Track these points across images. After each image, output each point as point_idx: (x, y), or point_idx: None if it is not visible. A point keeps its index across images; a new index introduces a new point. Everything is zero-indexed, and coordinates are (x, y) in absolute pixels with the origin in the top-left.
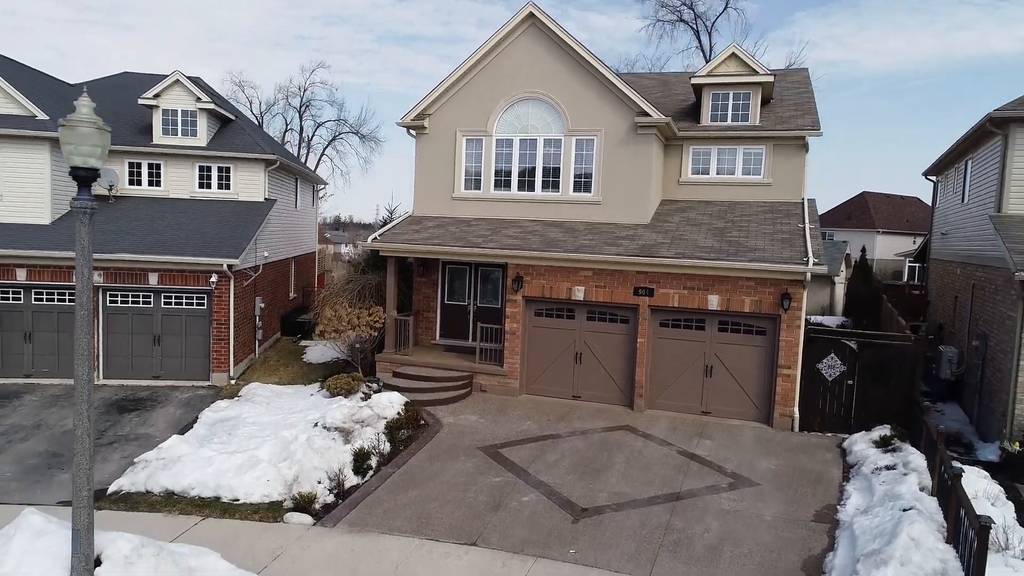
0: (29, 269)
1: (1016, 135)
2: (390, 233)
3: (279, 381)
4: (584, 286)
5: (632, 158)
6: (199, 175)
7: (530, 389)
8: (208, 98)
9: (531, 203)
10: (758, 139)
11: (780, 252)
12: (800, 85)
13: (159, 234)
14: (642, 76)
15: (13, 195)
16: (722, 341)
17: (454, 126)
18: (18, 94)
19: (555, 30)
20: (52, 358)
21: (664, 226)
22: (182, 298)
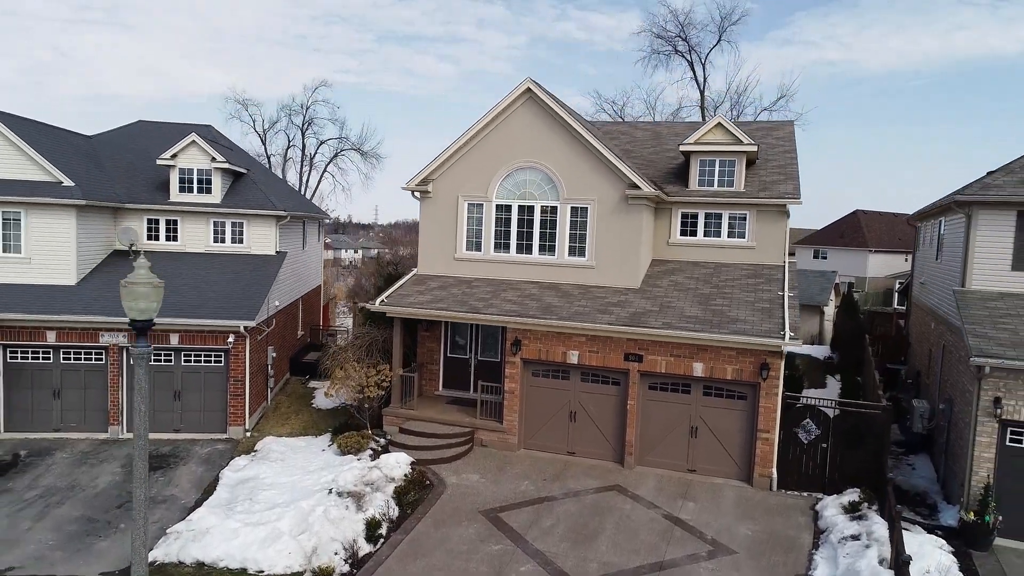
0: (58, 331)
1: (979, 217)
2: (396, 295)
3: (291, 432)
4: (578, 351)
5: (624, 226)
6: (214, 230)
7: (528, 444)
8: (222, 158)
9: (529, 265)
10: (742, 205)
11: (760, 324)
12: (784, 142)
13: (179, 294)
14: (635, 126)
15: (41, 258)
16: (706, 405)
17: (456, 191)
18: (45, 162)
19: (552, 105)
20: (79, 413)
21: (653, 291)
22: (201, 356)
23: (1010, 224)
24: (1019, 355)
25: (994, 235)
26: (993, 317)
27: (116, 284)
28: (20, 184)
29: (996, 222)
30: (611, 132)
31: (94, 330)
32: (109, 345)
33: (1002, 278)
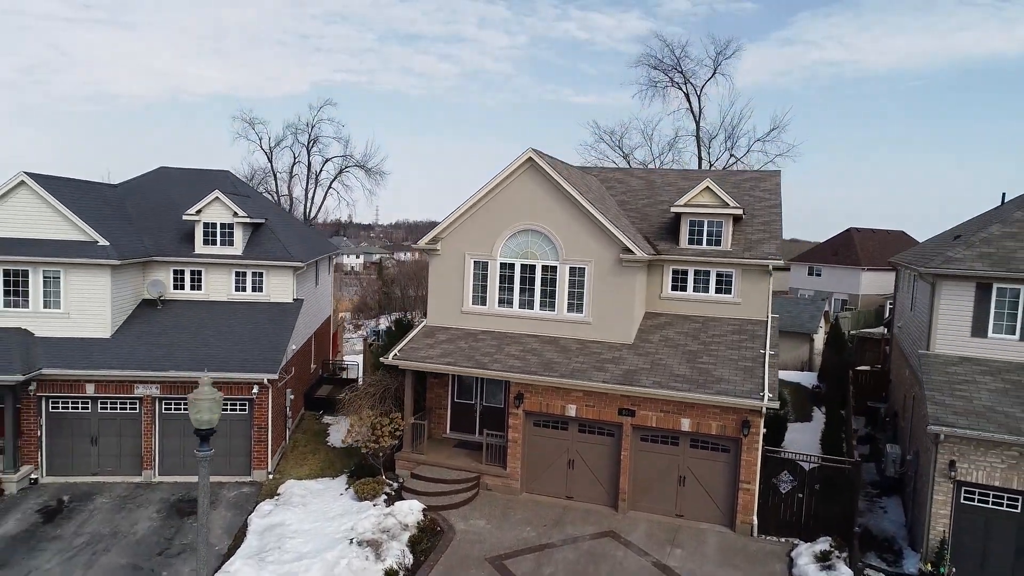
0: (96, 384)
1: (942, 287)
2: (407, 349)
3: (310, 473)
4: (576, 404)
5: (618, 286)
6: (236, 280)
7: (529, 488)
8: (244, 212)
9: (530, 320)
10: (729, 264)
11: (742, 384)
12: (771, 195)
13: (206, 346)
14: (631, 173)
15: (79, 313)
16: (693, 456)
17: (463, 249)
18: (82, 223)
19: (552, 174)
20: (115, 459)
21: (646, 347)
22: (226, 404)
23: (970, 295)
24: (971, 424)
25: (955, 304)
26: (952, 383)
27: (148, 337)
28: (59, 244)
29: (957, 292)
30: (608, 180)
31: (130, 383)
32: (143, 396)
33: (962, 344)
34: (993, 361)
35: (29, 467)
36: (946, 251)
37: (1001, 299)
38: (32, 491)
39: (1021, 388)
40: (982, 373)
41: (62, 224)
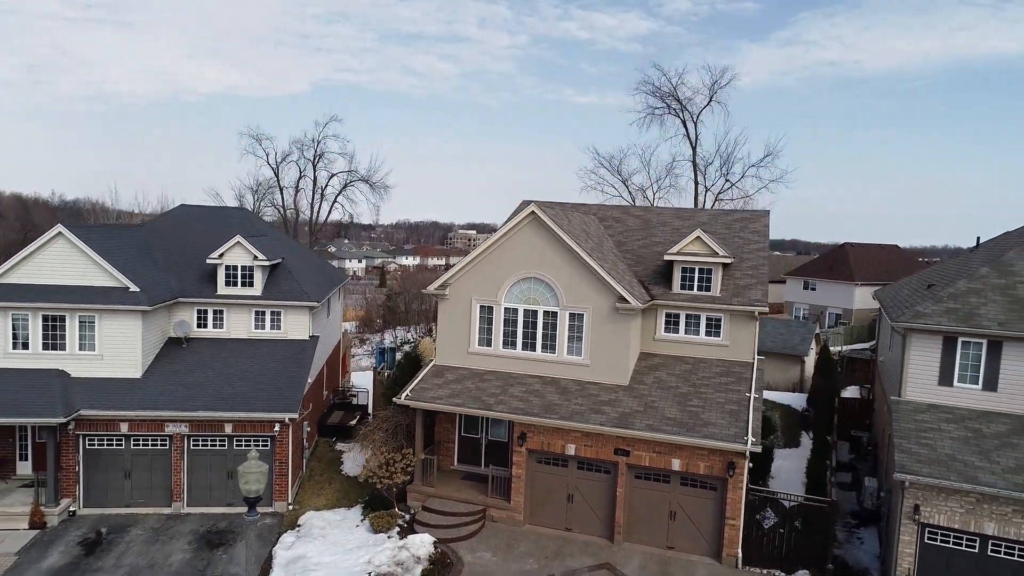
0: (130, 423)
1: (912, 340)
2: (418, 389)
3: (327, 504)
4: (575, 444)
5: (614, 331)
6: (255, 319)
7: (532, 520)
8: (263, 256)
9: (533, 361)
10: (718, 309)
11: (728, 428)
12: (759, 236)
13: (230, 385)
14: (628, 212)
15: (112, 355)
16: (683, 493)
17: (470, 295)
18: (114, 270)
19: (553, 228)
20: (147, 491)
21: (640, 388)
22: (251, 440)
23: (937, 347)
24: (933, 472)
25: (924, 355)
26: (919, 431)
27: (176, 376)
28: (94, 290)
29: (926, 345)
30: (606, 219)
31: (160, 421)
32: (173, 434)
33: (930, 391)
34: (958, 408)
35: (68, 500)
36: (916, 305)
37: (965, 351)
38: (72, 523)
39: (981, 436)
40: (947, 421)
41: (96, 271)
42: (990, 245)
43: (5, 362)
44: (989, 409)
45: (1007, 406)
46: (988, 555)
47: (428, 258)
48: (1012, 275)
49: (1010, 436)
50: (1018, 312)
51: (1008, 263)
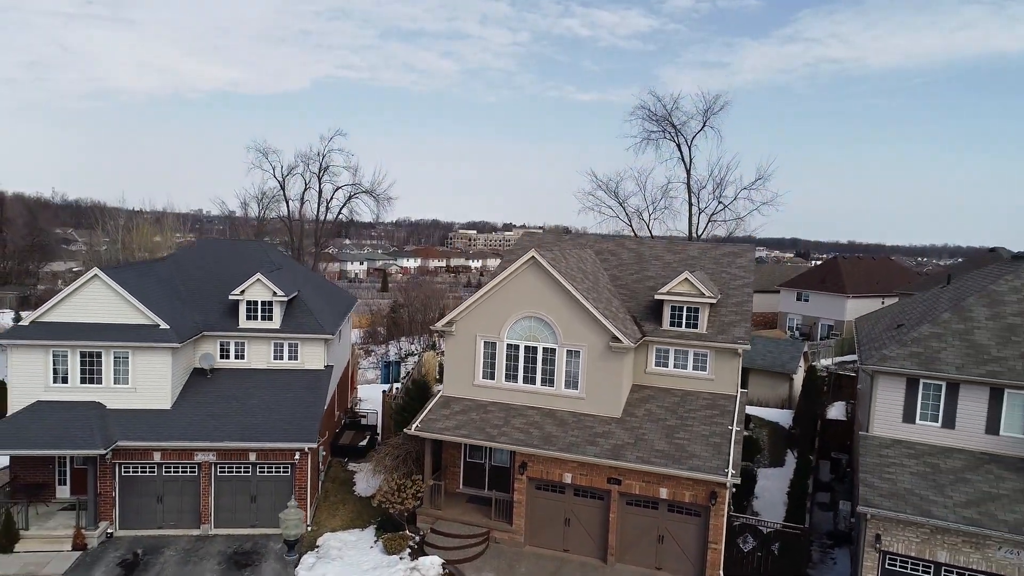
0: (162, 452)
1: (879, 380)
2: (427, 420)
3: (343, 524)
4: (571, 473)
5: (608, 367)
6: (274, 350)
7: (532, 542)
8: (282, 292)
9: (532, 393)
10: (704, 346)
11: (711, 460)
12: (744, 272)
13: (253, 416)
14: (622, 244)
15: (144, 388)
16: (670, 519)
17: (475, 331)
18: (146, 309)
19: (552, 272)
20: (177, 514)
21: (631, 421)
22: (273, 467)
23: (901, 388)
24: (892, 505)
25: (890, 395)
26: (882, 465)
27: (203, 407)
28: (127, 328)
29: (891, 385)
30: (602, 252)
31: (190, 451)
32: (202, 462)
33: (895, 428)
34: (919, 444)
35: (106, 523)
36: (883, 348)
37: (927, 392)
38: (109, 544)
39: (938, 471)
40: (908, 456)
41: (129, 310)
42: (953, 292)
43: (47, 395)
44: (947, 445)
45: (963, 443)
46: None
47: (429, 260)
48: (970, 320)
49: (964, 472)
50: (974, 356)
51: (967, 308)
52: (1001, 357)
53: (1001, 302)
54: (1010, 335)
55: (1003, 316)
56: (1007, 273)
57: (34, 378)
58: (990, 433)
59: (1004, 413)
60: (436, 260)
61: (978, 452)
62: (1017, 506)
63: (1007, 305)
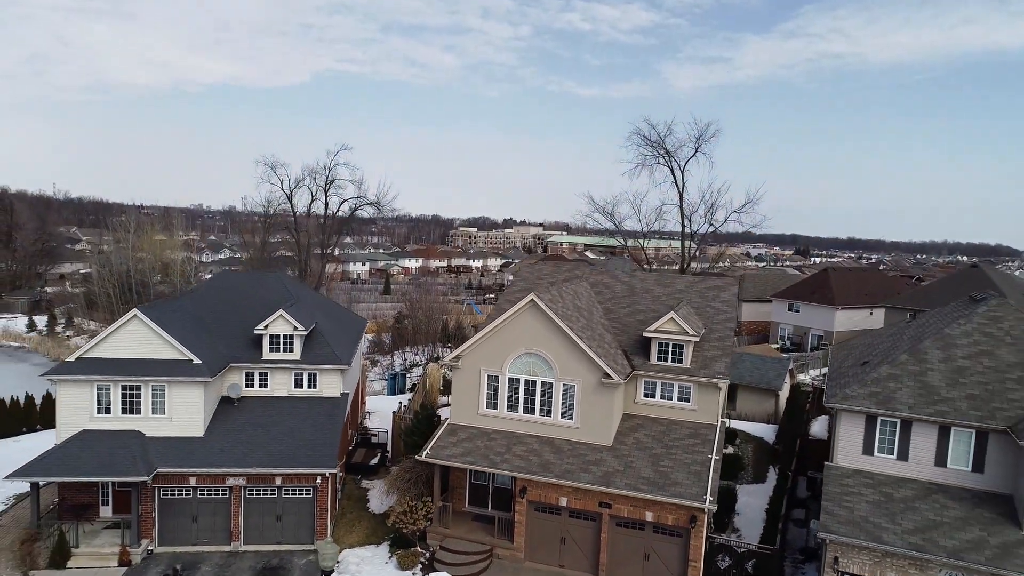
0: (197, 478)
1: (841, 416)
2: (436, 447)
3: (359, 540)
4: (567, 497)
5: (600, 400)
6: (294, 379)
7: (531, 558)
8: (302, 327)
9: (532, 423)
10: (687, 380)
11: (692, 487)
12: (728, 307)
13: (278, 443)
14: (616, 277)
15: (179, 417)
16: (655, 539)
17: (479, 365)
18: (180, 346)
19: (549, 314)
20: (210, 532)
21: (621, 449)
22: (297, 489)
23: (861, 424)
24: (848, 532)
25: (851, 429)
26: (843, 494)
27: (233, 435)
28: (163, 363)
29: (852, 421)
30: (596, 284)
31: (222, 475)
32: (233, 485)
33: (856, 459)
34: (877, 474)
35: (147, 540)
36: (846, 387)
37: (884, 428)
38: (151, 560)
39: (891, 500)
40: (866, 486)
41: (164, 346)
42: (912, 335)
43: (91, 424)
44: (901, 476)
45: (915, 474)
46: None
47: (431, 260)
48: (924, 363)
49: (914, 500)
50: (925, 397)
51: (923, 351)
52: (949, 398)
53: (953, 345)
54: (959, 377)
55: (954, 359)
56: (961, 317)
57: (80, 409)
58: (939, 465)
59: (951, 448)
60: (437, 260)
61: (927, 482)
62: (957, 533)
63: (958, 348)
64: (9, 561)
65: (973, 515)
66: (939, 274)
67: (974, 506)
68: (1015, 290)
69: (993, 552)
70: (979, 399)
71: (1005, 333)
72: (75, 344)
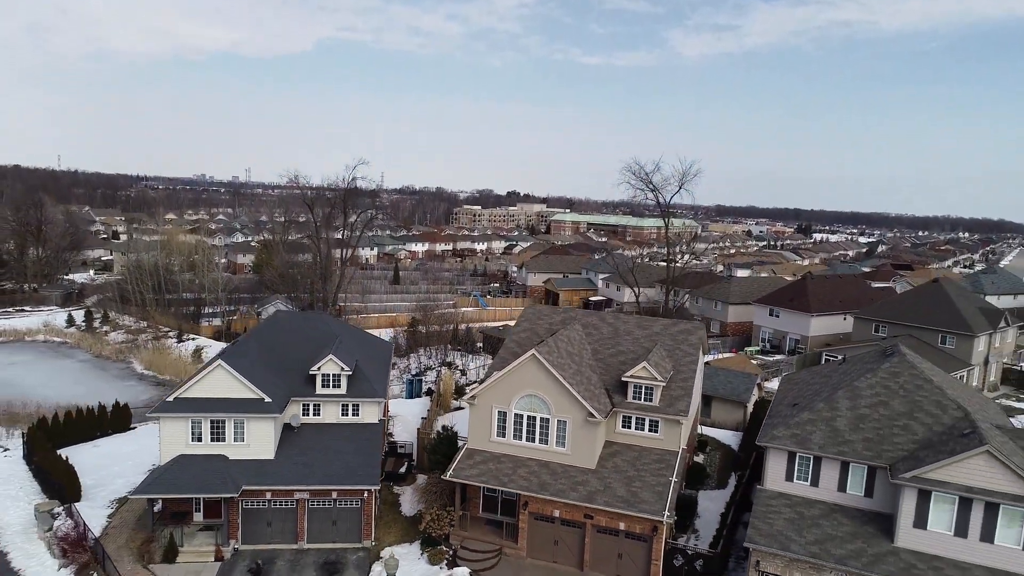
0: (272, 492)
1: (769, 452)
2: (457, 469)
3: (395, 540)
4: (559, 510)
5: (586, 434)
6: (341, 409)
7: (531, 556)
8: (348, 368)
9: (533, 449)
10: (656, 416)
11: (654, 505)
12: (693, 349)
13: (331, 464)
14: (604, 319)
15: (255, 443)
16: (626, 542)
17: (491, 403)
18: (255, 388)
19: (547, 366)
20: (281, 534)
21: (602, 472)
22: (348, 500)
23: (784, 458)
24: (766, 543)
25: (777, 462)
26: (767, 512)
27: (295, 456)
28: (241, 402)
29: (778, 456)
30: (588, 325)
31: (291, 491)
32: (299, 498)
33: (781, 484)
34: (795, 496)
35: (233, 541)
36: (773, 428)
37: (801, 461)
38: (237, 556)
39: (803, 517)
40: (786, 505)
41: (243, 389)
42: (838, 379)
43: (187, 450)
44: (812, 498)
45: (823, 497)
46: None
47: (436, 244)
48: (836, 410)
49: (819, 518)
50: (833, 439)
51: (836, 401)
52: (850, 440)
53: (859, 395)
54: (859, 423)
55: (858, 407)
56: (869, 371)
57: (178, 439)
58: (840, 491)
59: (849, 478)
60: (443, 244)
61: (832, 504)
62: (845, 544)
63: (862, 398)
64: (130, 556)
65: (861, 530)
66: (931, 255)
67: (863, 523)
68: (969, 303)
69: (869, 559)
70: (872, 442)
71: (900, 387)
72: (112, 340)
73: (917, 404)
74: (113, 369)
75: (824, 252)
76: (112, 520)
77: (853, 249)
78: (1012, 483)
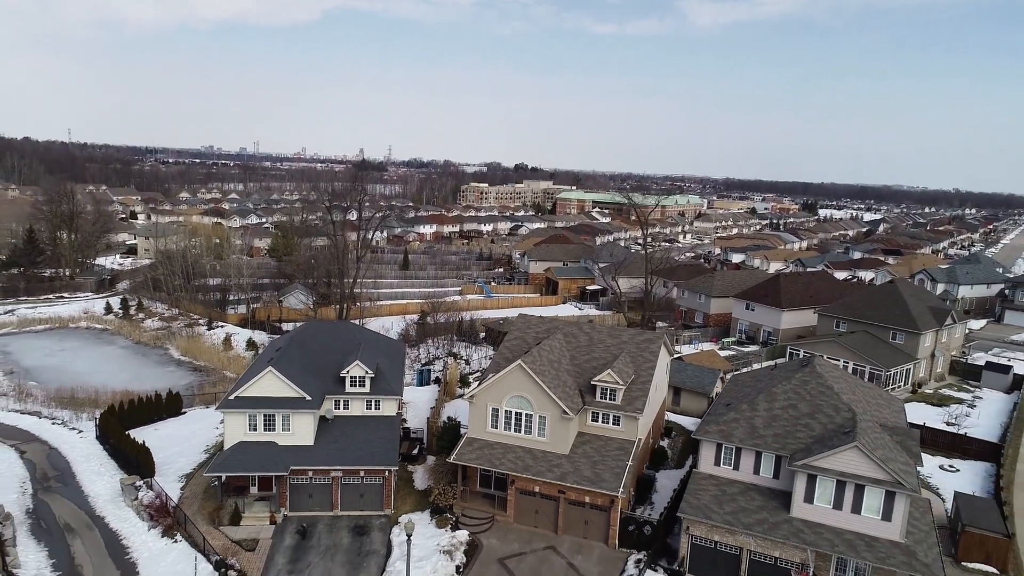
0: (313, 471)
1: (703, 443)
2: (459, 453)
3: (410, 509)
4: (539, 487)
5: (562, 426)
6: (366, 404)
7: (517, 523)
8: (371, 372)
9: (519, 438)
10: (618, 412)
11: (612, 483)
12: (652, 355)
13: (359, 449)
14: (581, 328)
15: (299, 433)
16: (590, 512)
17: (487, 401)
18: (296, 387)
19: (531, 373)
20: (319, 503)
21: (574, 457)
22: (373, 477)
23: (714, 447)
24: (694, 513)
25: (709, 450)
26: (698, 490)
27: (330, 442)
28: (287, 400)
29: (709, 446)
30: (568, 335)
31: (328, 471)
32: (334, 476)
33: (711, 468)
34: (721, 478)
35: (283, 509)
36: (707, 424)
37: (726, 450)
38: (287, 521)
39: (724, 494)
40: (713, 485)
41: (287, 388)
42: (766, 384)
43: (245, 437)
44: (734, 479)
45: (742, 478)
46: (719, 551)
47: (444, 226)
48: (756, 411)
49: (737, 495)
50: (751, 433)
51: (756, 403)
52: (764, 435)
53: (775, 399)
54: (772, 421)
55: (773, 409)
56: (786, 379)
57: (238, 428)
58: (755, 473)
59: (762, 464)
60: (450, 225)
61: (748, 483)
62: (753, 514)
63: (777, 401)
64: (203, 520)
65: (767, 504)
66: (927, 236)
67: (770, 499)
68: (920, 303)
69: (768, 526)
70: (780, 436)
71: (807, 393)
72: (148, 327)
73: (818, 407)
74: (152, 355)
75: (824, 232)
76: (184, 492)
77: (854, 229)
78: (874, 471)
